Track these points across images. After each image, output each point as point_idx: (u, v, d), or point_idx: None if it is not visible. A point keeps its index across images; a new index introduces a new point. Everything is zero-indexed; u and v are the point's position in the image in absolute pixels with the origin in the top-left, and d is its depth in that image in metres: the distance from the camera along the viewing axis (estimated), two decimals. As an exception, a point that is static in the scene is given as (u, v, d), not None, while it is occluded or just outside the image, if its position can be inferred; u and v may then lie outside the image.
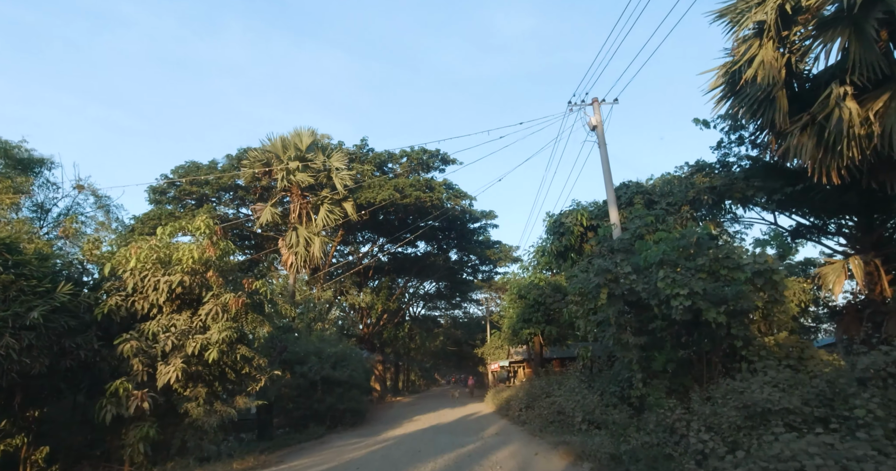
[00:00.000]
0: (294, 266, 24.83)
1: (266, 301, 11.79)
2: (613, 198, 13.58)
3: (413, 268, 40.78)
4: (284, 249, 25.14)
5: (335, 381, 18.47)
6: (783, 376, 7.90)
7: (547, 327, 27.62)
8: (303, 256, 24.68)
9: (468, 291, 50.88)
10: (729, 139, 15.64)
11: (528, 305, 27.63)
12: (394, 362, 52.85)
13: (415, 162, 29.52)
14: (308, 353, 18.41)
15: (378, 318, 39.76)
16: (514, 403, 19.02)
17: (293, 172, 24.29)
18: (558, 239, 14.69)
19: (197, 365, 11.06)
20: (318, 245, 24.84)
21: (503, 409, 20.76)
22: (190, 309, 11.38)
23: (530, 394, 18.42)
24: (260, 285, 11.46)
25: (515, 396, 20.36)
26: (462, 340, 55.75)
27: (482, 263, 43.97)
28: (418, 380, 73.51)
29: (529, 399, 18.01)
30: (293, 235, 24.82)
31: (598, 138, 14.17)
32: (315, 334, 19.91)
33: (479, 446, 12.44)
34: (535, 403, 17.47)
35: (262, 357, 12.00)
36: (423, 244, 41.90)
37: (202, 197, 27.55)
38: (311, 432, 17.09)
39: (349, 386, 18.97)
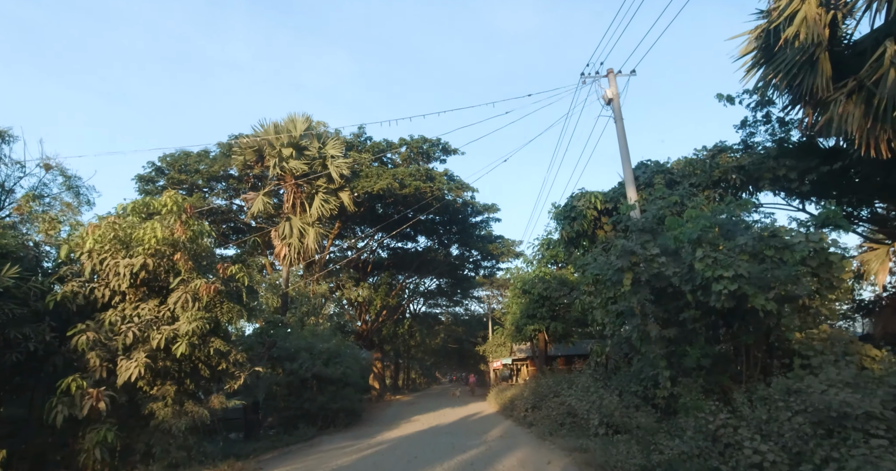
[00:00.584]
0: (287, 258, 23.51)
1: (244, 289, 10.45)
2: (631, 176, 12.22)
3: (413, 263, 39.46)
4: (277, 240, 23.82)
5: (328, 379, 17.15)
6: (847, 373, 6.55)
7: (552, 324, 26.29)
8: (296, 247, 23.36)
9: (469, 287, 49.54)
10: (755, 117, 14.28)
11: (533, 300, 26.30)
12: (393, 360, 51.57)
13: (414, 151, 28.17)
14: (299, 349, 17.09)
15: (377, 314, 38.44)
16: (520, 402, 17.70)
17: (286, 160, 22.96)
18: (569, 224, 13.34)
19: (164, 360, 9.75)
20: (313, 236, 23.51)
21: (507, 409, 19.44)
22: (158, 297, 10.06)
23: (537, 393, 17.09)
24: (236, 271, 10.11)
25: (520, 395, 19.04)
26: (463, 338, 54.43)
27: (484, 258, 42.63)
28: (419, 378, 72.21)
29: (536, 399, 16.69)
30: (286, 225, 23.49)
31: (613, 113, 12.82)
32: (308, 329, 18.63)
33: (482, 451, 11.10)
34: (543, 403, 16.14)
35: (240, 352, 10.67)
36: (424, 239, 40.61)
37: (193, 187, 26.24)
38: (301, 433, 15.77)
39: (343, 384, 17.65)
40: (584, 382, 12.81)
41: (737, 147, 14.56)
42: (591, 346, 12.54)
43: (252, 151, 23.36)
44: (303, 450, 13.16)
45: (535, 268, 26.58)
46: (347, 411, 17.90)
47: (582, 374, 14.04)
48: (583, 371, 14.16)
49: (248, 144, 23.36)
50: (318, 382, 17.11)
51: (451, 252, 42.68)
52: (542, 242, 26.90)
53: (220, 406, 10.49)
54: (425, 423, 18.11)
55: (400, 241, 40.38)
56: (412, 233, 39.84)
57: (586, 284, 12.81)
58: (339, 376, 17.21)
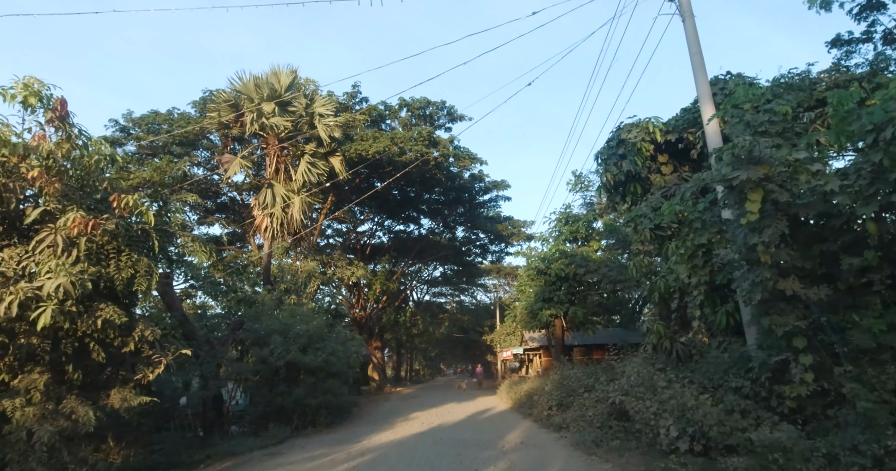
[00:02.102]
0: (269, 231, 20.12)
1: (153, 235, 7.02)
2: (708, 91, 8.67)
3: (415, 247, 36.04)
4: (257, 210, 20.44)
5: (306, 368, 13.79)
6: None
7: (571, 308, 22.84)
8: (280, 218, 19.97)
9: (475, 274, 46.09)
10: (856, 26, 10.66)
11: (549, 282, 22.84)
12: (395, 350, 48.26)
13: (416, 115, 24.61)
14: (271, 331, 13.73)
15: (376, 300, 35.09)
16: (541, 398, 14.27)
17: (267, 116, 19.52)
18: (615, 164, 9.85)
19: (29, 336, 6.39)
20: (299, 206, 20.08)
21: (524, 405, 16.04)
22: (24, 242, 6.68)
23: (563, 387, 13.66)
24: (134, 203, 6.62)
25: (539, 389, 15.63)
26: (469, 328, 51.04)
27: (492, 242, 39.16)
28: (422, 370, 68.98)
29: (562, 394, 13.25)
30: (268, 193, 20.07)
31: (681, 8, 9.27)
32: (286, 309, 15.33)
33: (504, 470, 7.71)
34: (572, 399, 12.70)
35: (153, 327, 7.26)
36: (427, 221, 37.19)
37: (165, 150, 22.81)
38: (271, 434, 12.46)
39: (326, 375, 14.27)
40: (638, 372, 9.35)
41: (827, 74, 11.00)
42: (646, 323, 9.03)
43: (228, 107, 19.89)
44: (262, 460, 9.78)
45: (553, 246, 23.12)
46: (332, 407, 14.53)
47: (627, 362, 10.59)
48: (632, 360, 10.70)
49: (225, 98, 19.91)
50: (292, 372, 13.76)
51: (457, 236, 39.26)
52: (560, 215, 23.42)
53: (123, 405, 7.10)
54: (425, 422, 14.74)
55: (402, 222, 36.98)
56: (415, 215, 36.44)
57: (641, 241, 9.35)
58: (319, 365, 13.82)
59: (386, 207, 33.80)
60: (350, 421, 15.73)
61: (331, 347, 14.52)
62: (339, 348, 14.86)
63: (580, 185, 22.55)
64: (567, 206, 23.34)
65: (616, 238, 16.94)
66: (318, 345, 14.35)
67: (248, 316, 14.27)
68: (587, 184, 22.73)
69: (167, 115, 21.87)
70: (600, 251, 22.64)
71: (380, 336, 37.02)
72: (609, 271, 17.96)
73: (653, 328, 9.01)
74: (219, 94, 20.28)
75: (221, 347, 13.42)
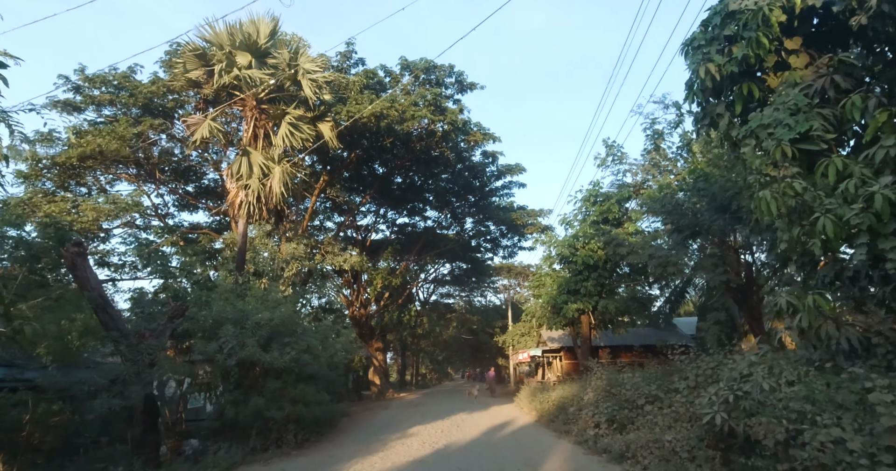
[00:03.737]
0: (244, 206, 16.62)
1: None
2: None
3: (420, 240, 32.45)
4: (231, 182, 16.97)
5: (267, 369, 10.19)
6: None
7: (601, 302, 19.16)
8: (256, 191, 16.48)
9: (485, 272, 42.32)
10: None
11: (576, 271, 19.15)
12: (399, 352, 44.48)
13: (419, 77, 21.04)
14: (223, 320, 10.15)
15: (378, 297, 31.46)
16: (582, 411, 10.51)
17: (241, 67, 16.07)
18: (721, 51, 6.18)
19: None
20: (279, 177, 16.58)
21: (554, 419, 12.27)
22: None
23: (613, 397, 9.93)
24: None
25: (575, 398, 11.89)
26: (478, 329, 47.20)
27: (503, 235, 35.47)
28: (429, 374, 65.03)
29: (614, 407, 9.53)
30: (242, 161, 16.56)
31: None
32: (253, 294, 11.72)
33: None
34: (633, 415, 8.98)
35: None
36: (434, 213, 33.61)
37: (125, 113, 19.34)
38: (213, 461, 8.88)
39: (296, 378, 10.66)
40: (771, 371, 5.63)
41: None
42: (781, 297, 5.29)
43: (195, 59, 16.44)
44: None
45: (579, 229, 19.42)
46: (305, 420, 10.89)
47: (738, 358, 6.90)
48: (734, 357, 7.01)
49: (192, 49, 16.46)
50: (248, 373, 10.18)
51: (465, 228, 35.60)
52: (587, 194, 19.68)
53: None
54: (428, 441, 11.04)
55: (406, 214, 33.44)
56: (420, 206, 32.91)
57: (772, 163, 5.67)
58: (286, 366, 10.19)
59: (388, 197, 30.27)
60: (332, 438, 12.06)
61: (305, 342, 10.86)
62: (316, 345, 11.21)
63: (612, 156, 18.91)
64: (595, 183, 19.60)
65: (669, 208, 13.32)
66: (288, 339, 10.72)
67: (195, 301, 10.69)
68: (620, 156, 19.09)
69: (128, 73, 18.44)
70: (636, 234, 18.94)
71: (382, 337, 33.36)
72: (657, 252, 14.20)
73: (803, 303, 5.28)
74: (185, 46, 16.83)
75: (156, 340, 9.85)
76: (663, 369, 10.23)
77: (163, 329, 10.23)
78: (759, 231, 9.96)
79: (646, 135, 18.34)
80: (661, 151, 18.53)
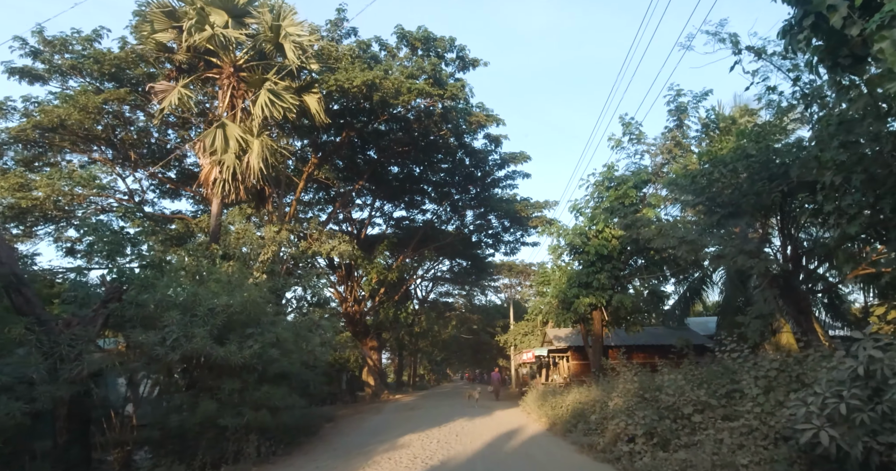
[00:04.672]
0: (219, 184, 14.69)
1: None
2: None
3: (418, 233, 30.51)
4: (203, 157, 15.03)
5: (221, 366, 8.20)
6: None
7: (616, 296, 17.20)
8: (231, 167, 14.55)
9: (486, 269, 40.32)
10: None
11: (587, 263, 17.21)
12: (396, 351, 42.41)
13: (419, 49, 19.03)
14: (169, 306, 8.17)
15: (373, 292, 29.47)
16: (609, 421, 8.52)
17: (213, 26, 14.15)
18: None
19: None
20: (258, 151, 14.65)
21: (571, 428, 10.26)
22: None
23: (649, 403, 7.96)
24: None
25: (597, 403, 9.90)
26: (479, 329, 45.18)
27: (506, 229, 33.48)
28: (428, 375, 62.90)
29: (654, 417, 7.54)
30: (217, 134, 14.60)
31: None
32: (215, 276, 9.70)
33: None
34: (679, 427, 7.01)
35: None
36: (434, 206, 31.65)
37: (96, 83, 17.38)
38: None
39: (260, 378, 8.68)
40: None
41: None
42: None
43: (164, 18, 14.50)
44: None
45: (596, 209, 17.47)
46: (270, 429, 8.91)
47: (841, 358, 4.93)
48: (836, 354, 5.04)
49: (160, 5, 14.52)
50: (198, 371, 8.20)
51: (466, 222, 33.61)
52: (601, 176, 17.69)
53: None
54: (420, 455, 9.05)
55: (403, 207, 31.50)
56: (418, 199, 30.98)
57: None
58: (248, 362, 8.20)
59: (384, 187, 28.35)
60: (307, 449, 10.06)
61: (272, 334, 8.86)
62: (287, 337, 9.21)
63: (629, 135, 16.97)
64: (609, 166, 17.63)
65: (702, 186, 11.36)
66: (251, 330, 8.73)
67: (139, 283, 8.70)
68: (638, 134, 17.15)
69: (92, 37, 16.46)
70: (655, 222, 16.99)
71: (377, 335, 31.34)
72: (688, 235, 12.20)
73: None
74: (153, 4, 14.90)
75: (85, 329, 7.88)
76: (709, 370, 8.24)
77: (94, 316, 8.23)
78: (833, 198, 8.01)
79: (668, 110, 16.40)
80: (684, 130, 16.61)
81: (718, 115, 15.52)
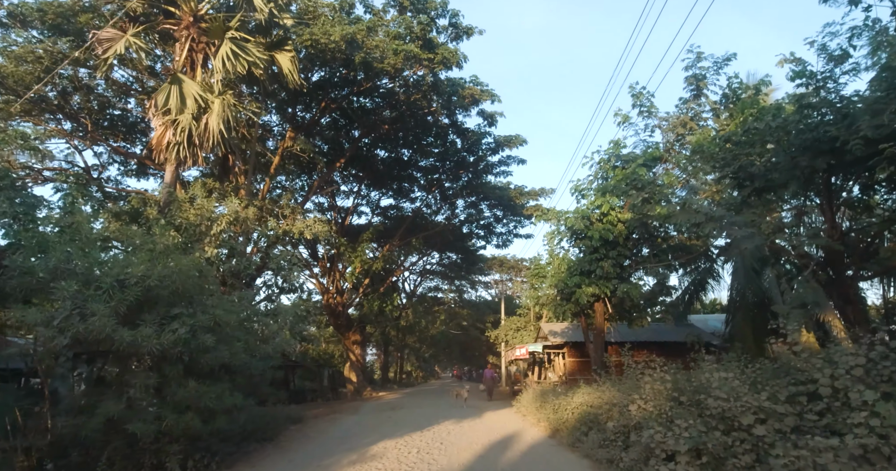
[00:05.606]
0: (172, 149, 12.63)
1: None
2: None
3: (406, 223, 28.55)
4: (156, 117, 12.94)
5: (129, 355, 6.20)
6: None
7: (621, 286, 15.39)
8: (187, 129, 12.50)
9: (476, 262, 38.44)
10: None
11: (590, 249, 15.37)
12: (382, 346, 40.38)
13: (408, 11, 17.01)
14: (61, 272, 6.16)
15: (357, 282, 27.47)
16: (629, 434, 6.69)
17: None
18: None
19: None
20: (218, 112, 12.61)
21: (581, 437, 8.37)
22: None
23: (688, 410, 6.11)
24: None
25: (615, 408, 8.05)
26: (468, 325, 43.29)
27: (498, 220, 31.59)
28: (415, 372, 60.91)
29: (700, 427, 5.69)
30: (172, 91, 12.52)
31: None
32: (147, 246, 7.67)
33: None
34: (735, 444, 5.13)
35: None
36: (423, 194, 29.66)
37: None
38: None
39: (187, 371, 6.70)
40: None
41: None
42: None
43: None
44: None
45: (595, 200, 15.61)
46: (205, 438, 6.95)
47: None
48: None
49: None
50: (96, 361, 6.19)
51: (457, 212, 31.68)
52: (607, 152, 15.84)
53: None
54: (397, 469, 7.14)
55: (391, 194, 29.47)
56: (407, 187, 28.98)
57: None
58: (166, 351, 6.22)
59: (371, 172, 26.34)
60: (255, 461, 8.07)
61: (207, 315, 6.89)
62: (228, 319, 7.22)
63: (640, 107, 15.15)
64: (616, 142, 15.80)
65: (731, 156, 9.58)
66: (179, 311, 6.73)
67: (27, 246, 6.65)
68: (649, 106, 15.35)
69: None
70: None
71: (360, 329, 29.32)
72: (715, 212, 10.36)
73: None
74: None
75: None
76: (765, 368, 6.40)
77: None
78: None
79: (685, 78, 14.56)
80: (702, 102, 14.80)
81: (742, 85, 13.71)
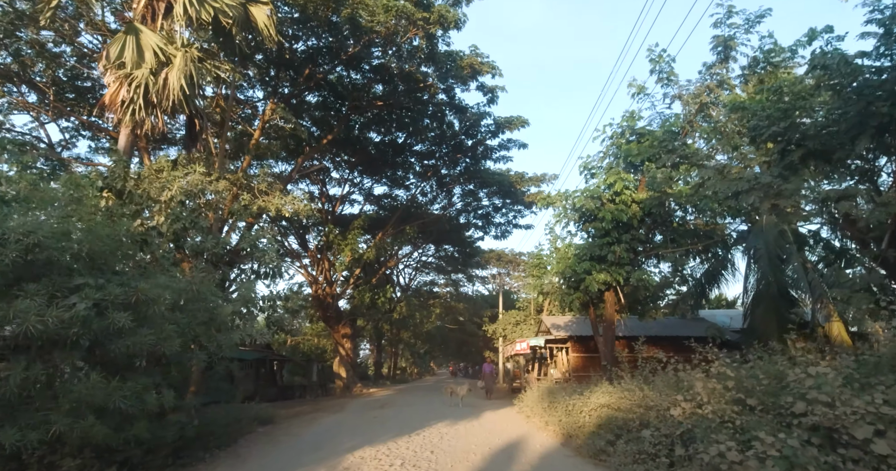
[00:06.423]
0: (127, 107, 10.87)
1: None
2: None
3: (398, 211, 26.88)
4: (109, 74, 11.18)
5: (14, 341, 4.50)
6: None
7: (635, 274, 13.77)
8: (144, 85, 10.76)
9: (473, 255, 36.82)
10: None
11: (602, 231, 13.72)
12: (375, 342, 38.73)
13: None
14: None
15: (348, 271, 25.78)
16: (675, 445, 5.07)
17: None
18: None
19: None
20: (179, 66, 10.86)
21: (605, 447, 6.72)
22: None
23: (757, 415, 4.47)
24: None
25: (651, 411, 6.43)
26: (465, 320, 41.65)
27: (496, 209, 29.97)
28: (410, 367, 59.28)
29: (793, 442, 4.05)
30: (127, 42, 10.78)
31: None
32: (72, 210, 6.03)
33: None
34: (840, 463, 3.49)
35: None
36: (418, 181, 27.98)
37: None
38: None
39: (86, 357, 5.01)
40: None
41: None
42: None
43: None
44: None
45: (606, 177, 13.94)
46: (119, 449, 5.27)
47: None
48: None
49: None
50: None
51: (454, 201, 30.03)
52: (621, 125, 14.21)
53: None
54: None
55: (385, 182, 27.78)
56: (402, 174, 27.31)
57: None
58: (63, 333, 4.55)
59: (364, 158, 24.65)
60: None
61: (125, 288, 5.19)
62: (156, 294, 5.52)
63: (659, 73, 13.51)
64: (631, 113, 14.16)
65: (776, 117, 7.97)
66: (84, 281, 5.02)
67: None
68: (669, 72, 13.69)
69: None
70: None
71: (351, 322, 27.63)
72: (760, 179, 8.71)
73: None
74: None
75: None
76: (871, 361, 4.75)
77: None
78: None
79: (712, 38, 12.88)
80: (730, 67, 13.15)
81: (777, 47, 12.04)
